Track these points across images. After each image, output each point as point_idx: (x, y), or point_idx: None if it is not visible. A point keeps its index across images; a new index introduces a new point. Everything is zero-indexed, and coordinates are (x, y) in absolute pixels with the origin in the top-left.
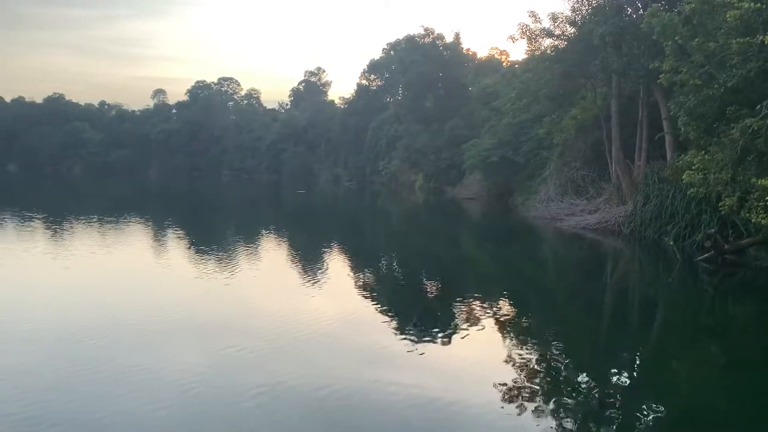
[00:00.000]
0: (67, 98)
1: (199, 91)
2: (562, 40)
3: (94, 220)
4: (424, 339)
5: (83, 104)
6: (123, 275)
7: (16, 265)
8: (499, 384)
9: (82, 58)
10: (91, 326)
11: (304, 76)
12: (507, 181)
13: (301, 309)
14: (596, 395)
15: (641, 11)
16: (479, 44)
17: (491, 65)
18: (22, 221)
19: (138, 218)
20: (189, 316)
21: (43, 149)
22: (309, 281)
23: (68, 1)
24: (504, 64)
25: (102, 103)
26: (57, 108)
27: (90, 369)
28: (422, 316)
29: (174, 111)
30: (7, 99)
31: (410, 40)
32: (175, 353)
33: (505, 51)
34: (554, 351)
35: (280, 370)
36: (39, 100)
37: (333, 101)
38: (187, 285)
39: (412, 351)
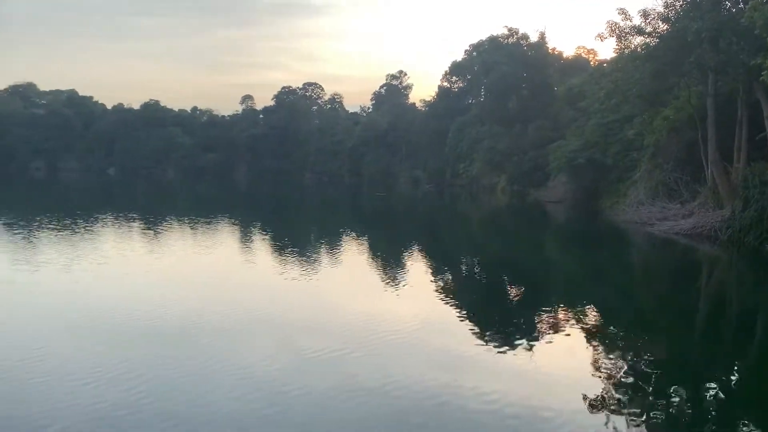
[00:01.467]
0: (162, 104)
1: (285, 96)
2: (653, 37)
3: (186, 221)
4: (505, 345)
5: (177, 110)
6: (211, 274)
7: (116, 264)
8: (583, 395)
9: (176, 66)
10: (180, 323)
11: (386, 79)
12: (594, 183)
13: (380, 311)
14: (688, 411)
15: (741, 5)
16: (565, 43)
17: (578, 65)
18: (121, 222)
19: (226, 219)
20: (271, 315)
21: (140, 153)
22: (388, 283)
23: (164, 12)
24: (591, 63)
25: (194, 109)
26: (153, 114)
27: (179, 364)
28: (503, 320)
29: (261, 116)
30: (108, 106)
31: (493, 40)
32: (256, 351)
33: (592, 50)
34: (643, 363)
35: (357, 371)
36: (136, 106)
37: (414, 104)
38: (271, 284)
39: (492, 357)
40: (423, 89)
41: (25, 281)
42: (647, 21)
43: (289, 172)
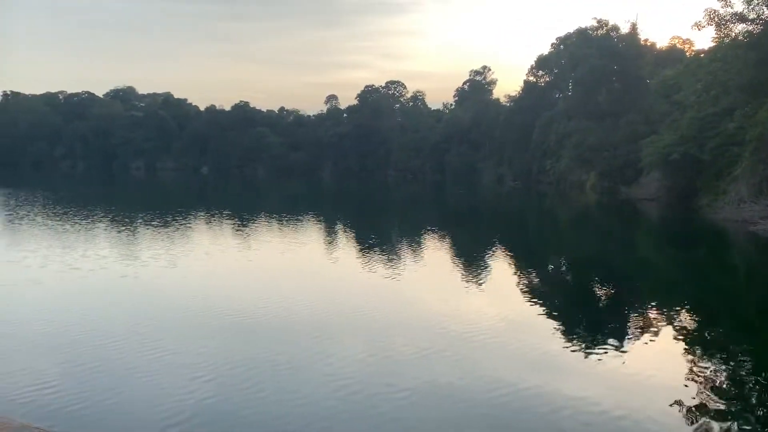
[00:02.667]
0: (251, 105)
1: (368, 95)
2: (757, 24)
3: (275, 218)
4: (593, 347)
5: (265, 111)
6: (299, 271)
7: (214, 260)
8: (677, 401)
9: (264, 67)
10: (272, 319)
11: (470, 75)
12: (690, 180)
13: (464, 309)
14: None
15: None
16: (659, 34)
17: (672, 55)
18: (217, 220)
19: (313, 217)
20: (357, 312)
21: (231, 153)
22: (472, 282)
23: (252, 16)
24: (687, 53)
25: (281, 109)
26: (243, 114)
27: (271, 359)
28: (593, 321)
29: (345, 115)
30: (201, 107)
31: (581, 33)
32: (343, 348)
33: (688, 40)
34: (743, 370)
35: (439, 369)
36: (228, 107)
37: (498, 99)
38: (357, 281)
39: (579, 359)
40: (507, 84)
41: (133, 275)
42: (750, 7)
43: (373, 170)
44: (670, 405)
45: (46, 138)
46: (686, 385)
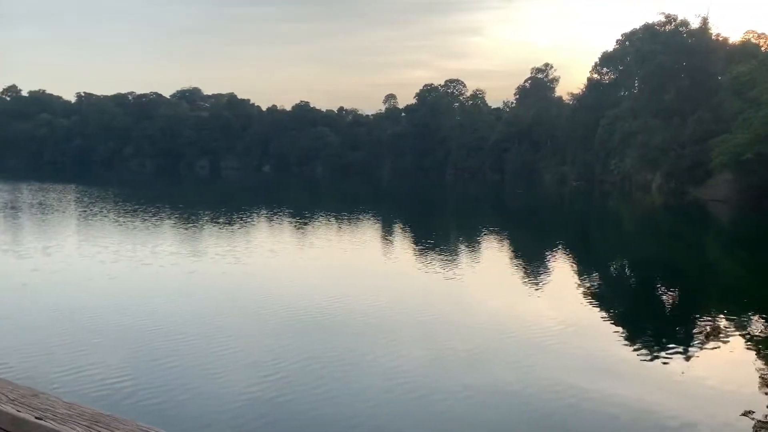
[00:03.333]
0: (311, 105)
1: (427, 94)
2: None
3: (334, 216)
4: (657, 352)
5: (325, 110)
6: (357, 269)
7: (277, 258)
8: (746, 412)
9: (325, 67)
10: (332, 315)
11: (531, 73)
12: (764, 181)
13: (523, 311)
14: None
15: None
16: (732, 28)
17: (746, 51)
18: (276, 217)
19: (371, 215)
20: (415, 311)
21: (292, 152)
22: (532, 284)
23: (312, 17)
24: (763, 48)
25: (340, 109)
26: (303, 114)
27: (329, 355)
28: (657, 326)
29: (403, 114)
30: (264, 107)
31: (648, 28)
32: (402, 346)
33: (763, 34)
34: None
35: (496, 371)
36: (288, 107)
37: (561, 98)
38: (413, 280)
39: (642, 364)
40: (570, 82)
41: (202, 271)
42: None
43: (431, 169)
44: (740, 415)
45: (116, 137)
46: (757, 395)
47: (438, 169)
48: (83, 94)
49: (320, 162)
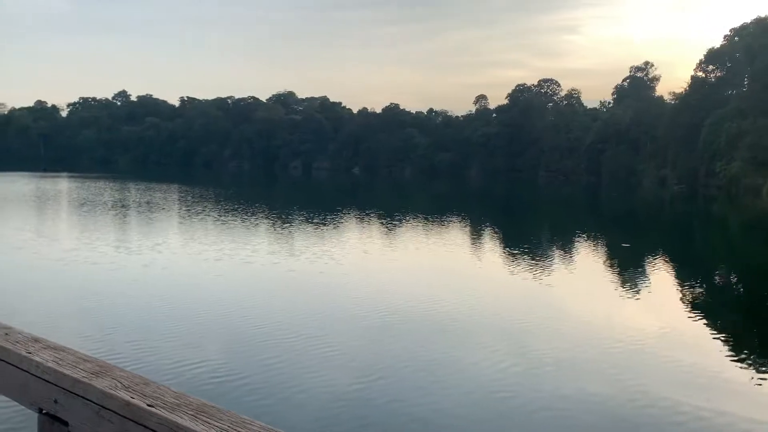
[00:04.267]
0: (401, 107)
1: (519, 94)
2: None
3: (422, 217)
4: (763, 368)
5: (414, 112)
6: (445, 271)
7: (361, 257)
8: None
9: (415, 69)
10: (416, 317)
11: (630, 71)
12: None
13: (617, 319)
14: None
15: None
16: None
17: None
18: (365, 217)
19: (460, 217)
20: (501, 315)
21: (381, 154)
22: (627, 291)
23: (403, 20)
24: None
25: (430, 111)
26: (393, 116)
27: (413, 358)
28: (764, 341)
29: (494, 115)
30: (354, 110)
31: (761, 23)
32: (485, 351)
33: None
34: None
35: (585, 379)
36: (379, 109)
37: (661, 97)
38: (502, 284)
39: (746, 381)
40: (671, 81)
41: (300, 270)
42: None
43: (522, 171)
44: None
45: (216, 140)
46: None
47: (530, 171)
48: (186, 99)
49: (409, 163)
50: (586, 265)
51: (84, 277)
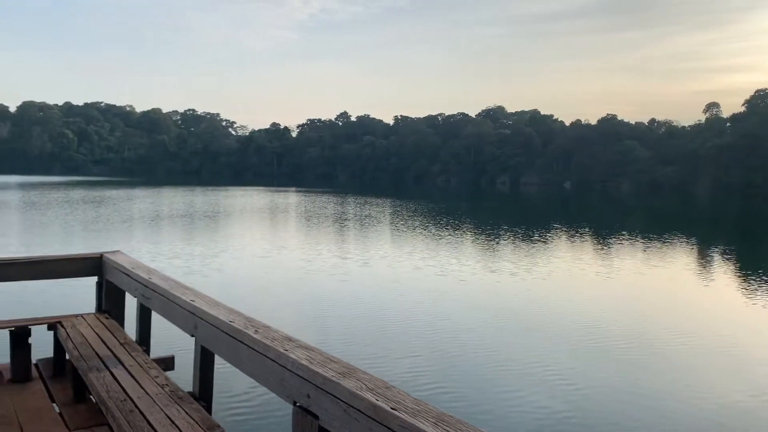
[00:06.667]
0: (619, 118)
1: (759, 100)
2: None
3: (639, 237)
4: None
5: (633, 123)
6: (661, 297)
7: (569, 276)
8: None
9: (634, 78)
10: (618, 343)
11: None
12: None
13: None
14: None
15: None
16: None
17: None
18: (573, 234)
19: (684, 239)
20: (731, 348)
21: (595, 167)
22: None
23: (619, 27)
24: None
25: (651, 121)
26: (609, 128)
27: (613, 385)
28: None
29: (728, 124)
30: (567, 122)
31: None
32: (695, 389)
33: None
34: None
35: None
36: (593, 121)
37: None
38: (731, 315)
39: None
40: None
41: (528, 289)
42: None
43: (760, 187)
44: None
45: (426, 156)
46: None
47: None
48: (400, 117)
49: (626, 178)
50: None
51: (321, 285)
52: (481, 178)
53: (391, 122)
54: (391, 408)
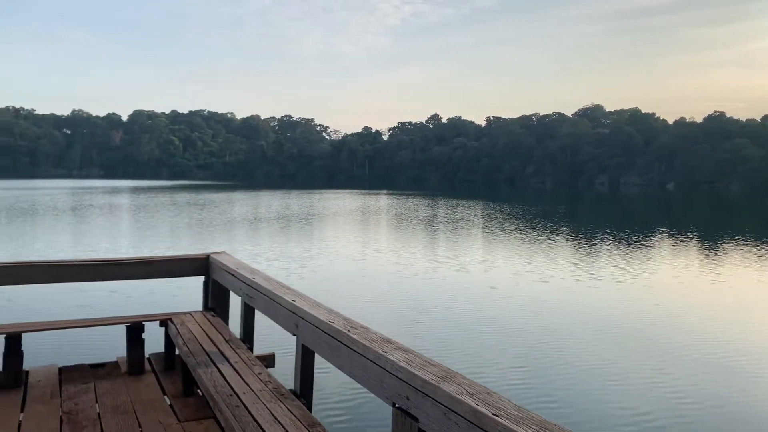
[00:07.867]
0: (727, 115)
1: None
2: None
3: (753, 242)
4: None
5: (744, 120)
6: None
7: (671, 285)
8: None
9: (743, 73)
10: (719, 355)
11: None
12: None
13: None
14: None
15: None
16: None
17: None
18: (676, 239)
19: None
20: None
21: (701, 167)
22: None
23: (722, 20)
24: None
25: (764, 118)
26: (716, 126)
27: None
28: None
29: None
30: (669, 120)
31: None
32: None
33: None
34: None
35: None
36: (699, 119)
37: None
38: None
39: None
40: None
41: (584, 288)
42: None
43: None
44: None
45: (519, 157)
46: None
47: None
48: (492, 118)
49: (736, 177)
50: None
51: (417, 289)
52: (577, 179)
53: (483, 124)
54: (493, 414)
